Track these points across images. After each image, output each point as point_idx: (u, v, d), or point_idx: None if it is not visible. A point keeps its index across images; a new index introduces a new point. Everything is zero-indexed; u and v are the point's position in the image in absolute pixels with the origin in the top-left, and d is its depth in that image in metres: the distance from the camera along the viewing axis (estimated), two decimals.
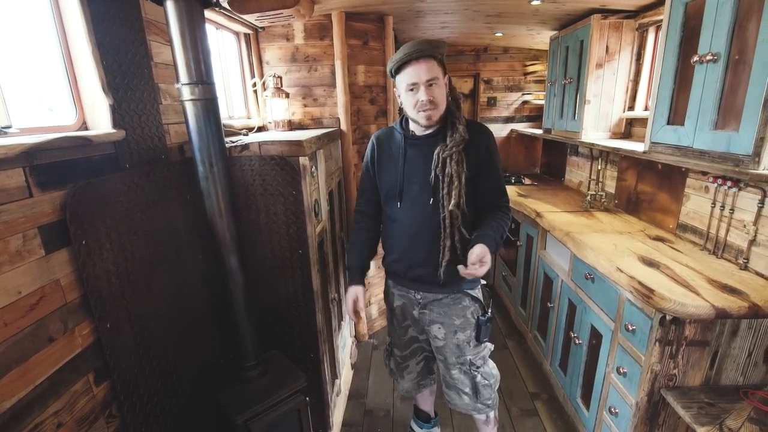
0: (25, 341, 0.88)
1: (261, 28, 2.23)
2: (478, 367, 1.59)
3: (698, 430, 1.28)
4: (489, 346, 1.65)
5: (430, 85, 1.31)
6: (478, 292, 1.56)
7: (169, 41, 1.14)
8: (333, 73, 2.34)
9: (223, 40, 2.11)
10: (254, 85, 2.30)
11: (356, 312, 1.61)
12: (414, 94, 1.33)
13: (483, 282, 1.61)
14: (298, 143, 1.52)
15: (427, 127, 1.40)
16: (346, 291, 1.67)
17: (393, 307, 1.67)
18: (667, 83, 1.65)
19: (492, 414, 1.70)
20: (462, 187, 1.36)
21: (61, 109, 1.14)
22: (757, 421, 1.28)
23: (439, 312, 1.54)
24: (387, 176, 1.50)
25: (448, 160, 1.36)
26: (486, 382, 1.61)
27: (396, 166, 1.47)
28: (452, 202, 1.36)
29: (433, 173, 1.39)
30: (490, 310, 1.55)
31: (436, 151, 1.38)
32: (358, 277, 1.61)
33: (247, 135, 1.85)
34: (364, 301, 1.65)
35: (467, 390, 1.60)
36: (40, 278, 0.92)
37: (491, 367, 1.66)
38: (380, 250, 1.67)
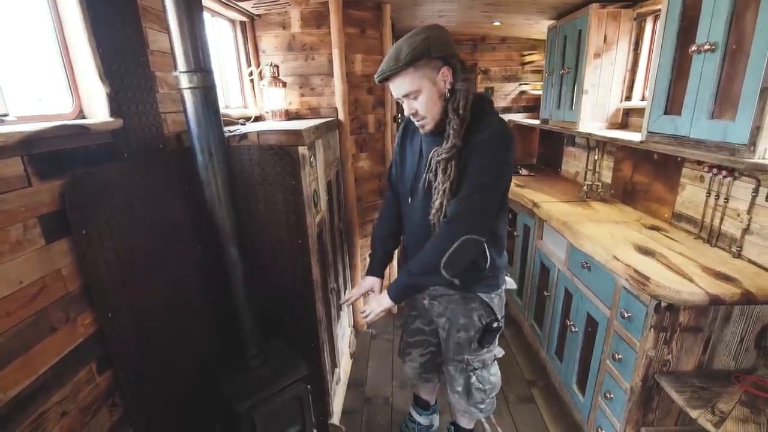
0: (28, 331, 0.88)
1: (257, 15, 2.20)
2: (474, 369, 1.56)
3: (691, 413, 1.31)
4: (495, 353, 1.59)
5: (414, 98, 1.23)
6: (491, 298, 1.47)
7: (167, 28, 1.12)
8: (330, 62, 2.32)
9: (218, 28, 2.08)
10: (251, 74, 2.27)
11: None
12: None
13: (506, 287, 1.54)
14: (297, 133, 1.51)
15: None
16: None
17: None
18: (665, 73, 1.66)
19: (483, 417, 1.66)
20: (444, 197, 1.26)
21: (49, 99, 1.11)
22: (747, 404, 1.32)
23: (446, 306, 1.52)
24: (404, 169, 1.46)
25: (437, 167, 1.27)
26: (480, 386, 1.57)
27: (412, 161, 1.41)
28: (432, 211, 1.30)
29: (425, 177, 1.33)
30: (501, 320, 1.49)
31: (430, 155, 1.30)
32: (379, 268, 1.60)
33: (244, 124, 1.84)
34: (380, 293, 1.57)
35: (459, 389, 1.59)
36: (40, 268, 0.92)
37: (491, 373, 1.60)
38: None
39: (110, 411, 1.13)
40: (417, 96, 1.23)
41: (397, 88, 1.24)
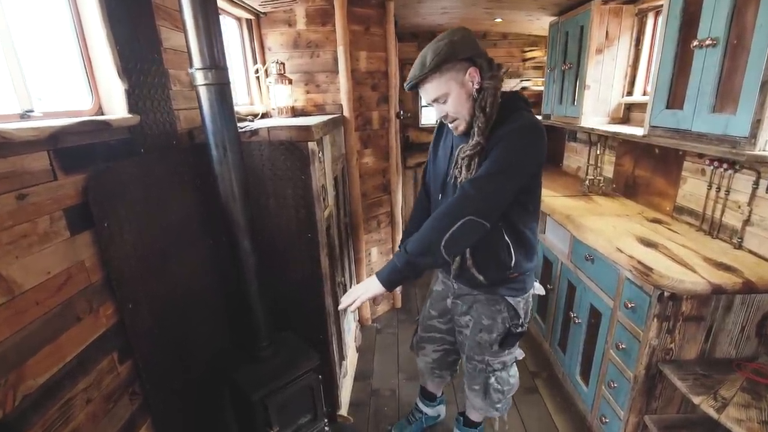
0: (55, 320, 0.91)
1: (263, 13, 2.22)
2: (494, 370, 1.56)
3: (694, 399, 1.35)
4: (516, 355, 1.59)
5: (444, 101, 1.26)
6: (518, 302, 1.47)
7: (182, 24, 1.14)
8: (335, 59, 2.34)
9: (225, 26, 2.10)
10: (257, 71, 2.29)
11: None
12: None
13: (533, 292, 1.53)
14: (306, 128, 1.54)
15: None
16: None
17: (432, 289, 1.71)
18: (667, 67, 1.69)
19: (497, 416, 1.68)
20: None
21: (47, 98, 1.11)
22: (749, 390, 1.35)
23: (471, 306, 1.52)
24: (436, 167, 1.47)
25: (462, 163, 1.29)
26: (498, 386, 1.57)
27: (444, 158, 1.42)
28: None
29: (452, 173, 1.35)
30: (525, 324, 1.50)
31: (457, 151, 1.32)
32: None
33: (252, 121, 1.86)
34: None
35: (476, 387, 1.60)
36: (66, 259, 0.95)
37: (511, 375, 1.61)
38: None
39: (131, 399, 1.16)
40: (446, 99, 1.25)
41: (427, 93, 1.26)
